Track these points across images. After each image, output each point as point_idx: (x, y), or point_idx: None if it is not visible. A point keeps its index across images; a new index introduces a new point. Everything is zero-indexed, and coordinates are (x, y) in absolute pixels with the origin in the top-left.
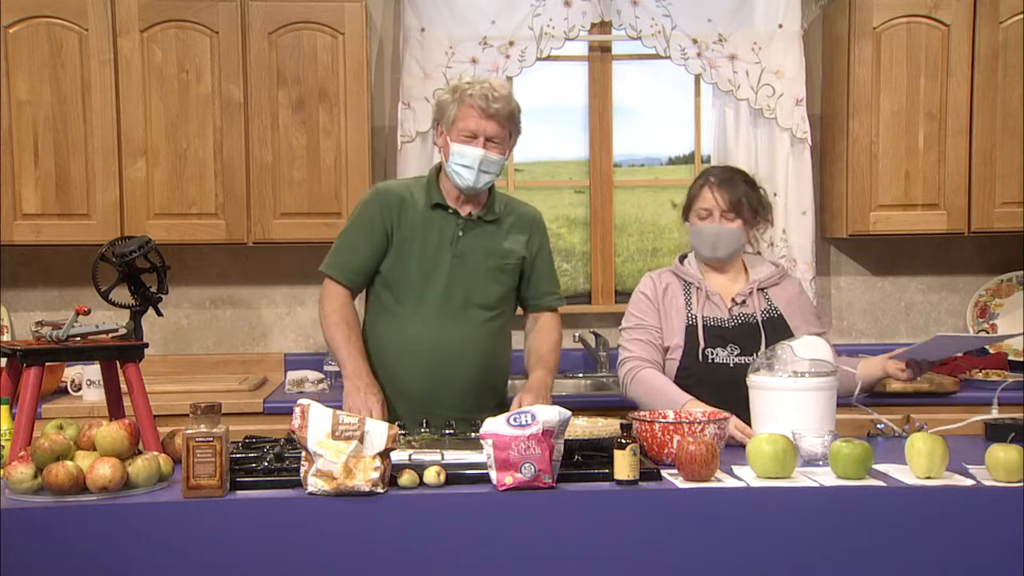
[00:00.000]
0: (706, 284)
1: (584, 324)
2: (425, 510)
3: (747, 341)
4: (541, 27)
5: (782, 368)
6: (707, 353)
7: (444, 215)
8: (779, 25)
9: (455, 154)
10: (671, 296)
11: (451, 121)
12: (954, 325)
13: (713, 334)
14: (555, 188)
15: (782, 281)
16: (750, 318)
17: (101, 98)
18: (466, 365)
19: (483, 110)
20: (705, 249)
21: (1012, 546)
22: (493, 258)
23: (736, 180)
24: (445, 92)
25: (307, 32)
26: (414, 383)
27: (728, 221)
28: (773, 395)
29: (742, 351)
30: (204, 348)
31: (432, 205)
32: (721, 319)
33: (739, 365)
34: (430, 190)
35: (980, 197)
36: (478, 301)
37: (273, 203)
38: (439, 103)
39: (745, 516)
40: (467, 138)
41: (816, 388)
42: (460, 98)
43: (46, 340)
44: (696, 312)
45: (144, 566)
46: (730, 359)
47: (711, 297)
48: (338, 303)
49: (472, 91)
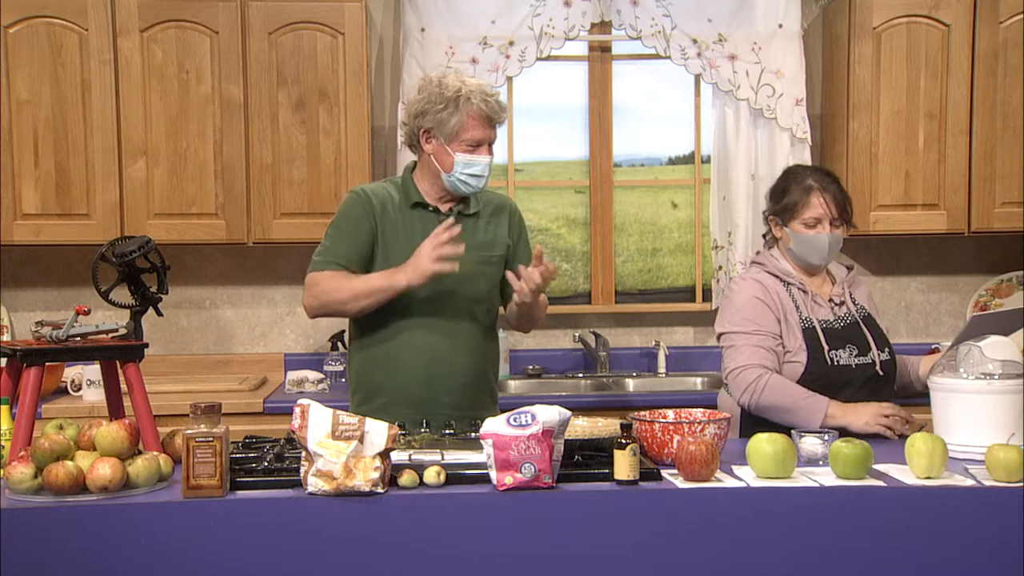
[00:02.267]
0: (807, 286)
1: (584, 324)
2: (425, 510)
3: (859, 341)
4: (541, 27)
5: (969, 370)
6: (831, 356)
7: (425, 214)
8: (779, 25)
9: (462, 164)
10: (783, 298)
11: (453, 131)
12: (954, 325)
13: (831, 336)
14: (555, 188)
15: (855, 279)
16: (851, 318)
17: (101, 98)
18: (463, 362)
19: (488, 119)
20: (815, 257)
21: (1012, 546)
22: (478, 252)
23: (836, 183)
24: (430, 99)
25: (307, 32)
26: (413, 385)
27: (836, 228)
28: (961, 398)
29: (859, 351)
30: (204, 348)
31: (412, 204)
32: (830, 320)
33: (859, 365)
34: (407, 190)
35: (980, 197)
36: (469, 296)
37: (273, 203)
38: (427, 111)
39: (745, 516)
40: (471, 147)
41: (1008, 391)
42: (460, 107)
43: (46, 340)
44: (808, 314)
45: (144, 566)
46: (852, 360)
47: (815, 299)
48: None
49: (473, 99)
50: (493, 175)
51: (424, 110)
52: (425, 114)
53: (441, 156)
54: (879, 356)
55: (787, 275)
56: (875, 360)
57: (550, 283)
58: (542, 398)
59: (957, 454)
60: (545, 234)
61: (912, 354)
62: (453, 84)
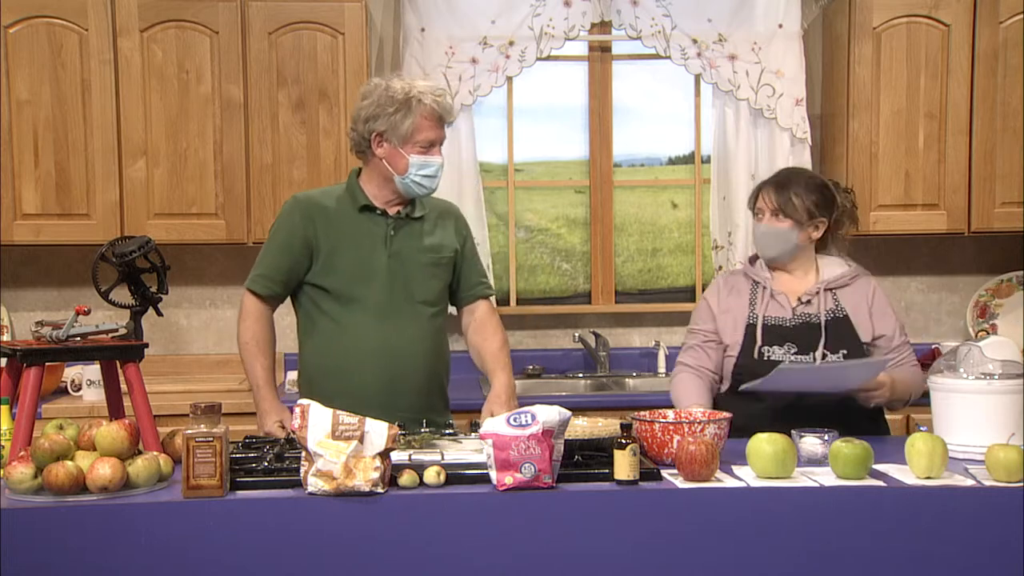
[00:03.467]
0: (773, 284)
1: (584, 324)
2: (425, 510)
3: (806, 340)
4: (541, 27)
5: (969, 370)
6: (763, 351)
7: (373, 217)
8: (779, 25)
9: (417, 166)
10: (736, 296)
11: (407, 133)
12: (954, 325)
13: (772, 333)
14: (555, 188)
15: (854, 282)
16: (813, 318)
17: (101, 98)
18: (417, 363)
19: (439, 119)
20: (759, 249)
21: (1012, 546)
22: (428, 254)
23: (793, 181)
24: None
25: (307, 32)
26: (369, 387)
27: (777, 221)
28: (961, 398)
29: (799, 350)
30: (204, 348)
31: (360, 208)
32: (783, 318)
33: (795, 363)
34: (354, 194)
35: (980, 197)
36: (420, 298)
37: (273, 203)
38: (379, 115)
39: (745, 516)
40: (424, 148)
41: (1008, 391)
42: (413, 108)
43: (46, 340)
44: (759, 311)
45: (144, 566)
46: (785, 357)
47: (776, 296)
48: (250, 320)
49: (424, 99)
50: (495, 175)
51: (375, 114)
52: (377, 118)
53: (394, 159)
54: (822, 359)
55: (755, 274)
56: (815, 361)
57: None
58: (542, 398)
59: (957, 454)
60: (545, 234)
61: None
62: (402, 87)
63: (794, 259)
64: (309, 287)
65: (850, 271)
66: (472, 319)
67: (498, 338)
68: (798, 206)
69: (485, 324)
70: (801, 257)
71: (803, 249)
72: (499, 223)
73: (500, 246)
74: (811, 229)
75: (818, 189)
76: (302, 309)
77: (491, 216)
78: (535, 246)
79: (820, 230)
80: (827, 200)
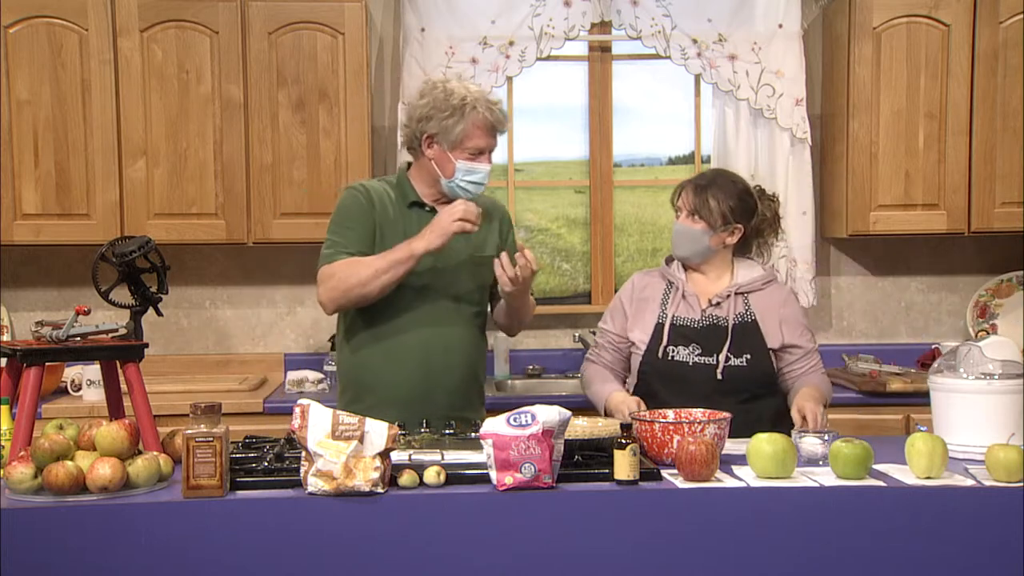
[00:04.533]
0: (686, 285)
1: (584, 324)
2: (425, 510)
3: (711, 342)
4: (541, 27)
5: (969, 370)
6: (668, 350)
7: (421, 213)
8: (779, 25)
9: (464, 171)
10: (648, 295)
11: (457, 139)
12: (954, 325)
13: (678, 333)
14: (555, 188)
15: (767, 287)
16: (721, 320)
17: (101, 98)
18: (456, 361)
19: (492, 128)
20: (672, 245)
21: (1012, 546)
22: (471, 252)
23: (714, 184)
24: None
25: (307, 32)
26: (407, 384)
27: (691, 221)
28: (961, 398)
29: (703, 351)
30: (204, 348)
31: (408, 204)
32: (691, 319)
33: (698, 364)
34: (403, 189)
35: (980, 197)
36: (462, 296)
37: (273, 203)
38: (432, 116)
39: (745, 516)
40: (473, 155)
41: (1008, 391)
42: (466, 115)
43: (46, 340)
44: (668, 311)
45: (144, 566)
46: (690, 358)
47: (687, 298)
48: (338, 264)
49: (478, 107)
50: (495, 175)
51: (428, 115)
52: (429, 119)
53: (443, 162)
54: (726, 361)
55: (670, 275)
56: (718, 363)
57: (532, 278)
58: (542, 398)
59: (957, 454)
60: (545, 234)
61: (912, 354)
62: (458, 91)
63: (707, 261)
64: None
65: (762, 277)
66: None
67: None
68: (713, 209)
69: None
70: (715, 260)
71: (716, 252)
72: None
73: None
74: (725, 234)
75: (738, 195)
76: None
77: None
78: (535, 246)
79: (735, 236)
80: (746, 207)
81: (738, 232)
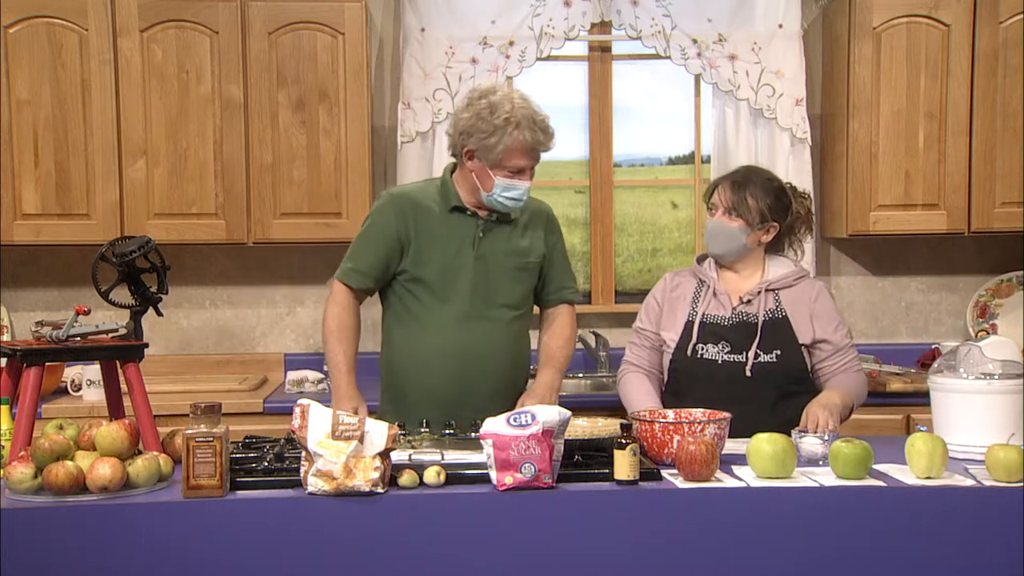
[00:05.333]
0: (717, 283)
1: (584, 324)
2: (425, 510)
3: (741, 339)
4: (541, 27)
5: (969, 370)
6: (696, 348)
7: (463, 218)
8: (779, 25)
9: (503, 187)
10: (680, 294)
11: (498, 155)
12: (954, 325)
13: (708, 331)
14: (555, 188)
15: (797, 283)
16: (751, 317)
17: (101, 98)
18: (493, 366)
19: (533, 149)
20: (707, 242)
21: (1012, 546)
22: (514, 257)
23: (751, 181)
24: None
25: (307, 32)
26: (443, 386)
27: (728, 219)
28: (961, 398)
29: (733, 348)
30: (204, 348)
31: (451, 208)
32: (722, 317)
33: (727, 362)
34: (446, 193)
35: (980, 197)
36: (502, 301)
37: (273, 203)
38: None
39: (745, 516)
40: (513, 173)
41: (1008, 391)
42: (508, 134)
43: (46, 340)
44: (699, 309)
45: (144, 566)
46: (719, 355)
47: (718, 296)
48: (337, 308)
49: (522, 127)
50: None
51: (470, 131)
52: (470, 135)
53: (483, 177)
54: (755, 358)
55: (701, 273)
56: (747, 360)
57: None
58: None
59: (957, 454)
60: None
61: (912, 354)
62: (503, 107)
63: (741, 259)
64: (398, 283)
65: (794, 272)
66: (549, 322)
67: (563, 337)
68: (752, 207)
69: (555, 323)
70: (749, 258)
71: (751, 250)
72: None
73: None
74: (761, 232)
75: (774, 192)
76: (388, 304)
77: None
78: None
79: (771, 234)
80: (782, 205)
81: (773, 230)
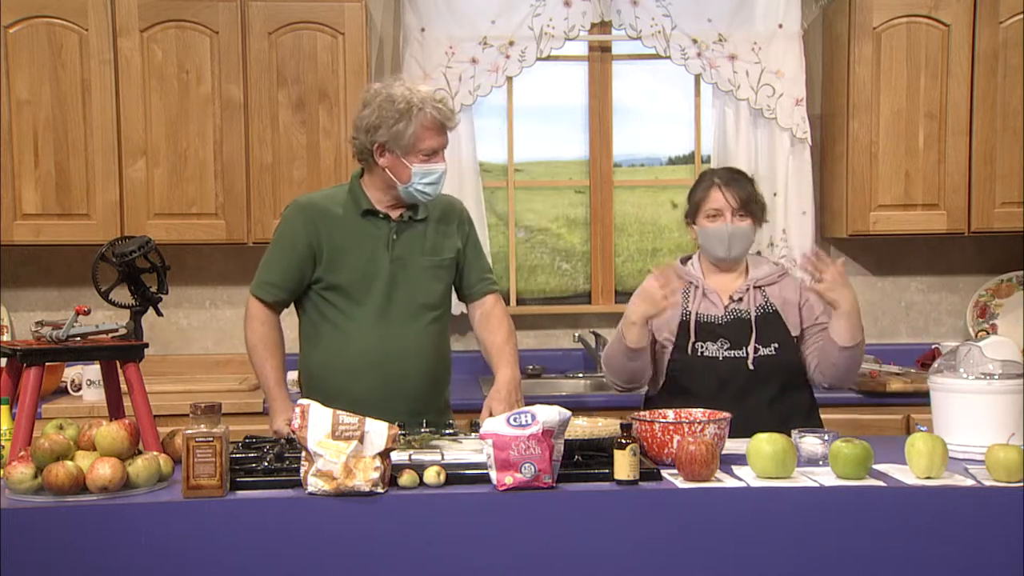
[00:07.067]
0: (705, 283)
1: (584, 324)
2: (425, 510)
3: (737, 335)
4: (541, 27)
5: (969, 370)
6: (697, 347)
7: (375, 221)
8: (779, 25)
9: (420, 175)
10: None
11: (409, 140)
12: (954, 325)
13: (705, 330)
14: (555, 188)
15: (781, 280)
16: (743, 314)
17: (101, 98)
18: (416, 367)
19: (441, 126)
20: (719, 250)
21: (1012, 546)
22: (430, 256)
23: (742, 179)
24: (382, 113)
25: (307, 32)
26: (366, 390)
27: (739, 220)
28: (961, 398)
29: (732, 345)
30: (204, 348)
31: (363, 212)
32: (715, 316)
33: (728, 358)
34: (356, 198)
35: (980, 197)
36: (421, 302)
37: (273, 203)
38: (380, 125)
39: (745, 516)
40: (427, 156)
41: (1008, 391)
42: (414, 117)
43: (46, 340)
44: (692, 309)
45: (144, 566)
46: (719, 352)
47: (708, 295)
48: (256, 323)
49: (425, 107)
50: (495, 175)
51: (376, 125)
52: (377, 129)
53: (397, 169)
54: (755, 352)
55: (688, 275)
56: (748, 354)
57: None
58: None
59: (957, 454)
60: (545, 234)
61: (912, 354)
62: (402, 95)
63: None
64: (313, 291)
65: (776, 269)
66: (480, 315)
67: (503, 331)
68: (759, 203)
69: (490, 317)
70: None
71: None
72: (499, 223)
73: (500, 246)
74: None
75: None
76: (304, 312)
77: (491, 216)
78: (535, 246)
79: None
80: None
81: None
